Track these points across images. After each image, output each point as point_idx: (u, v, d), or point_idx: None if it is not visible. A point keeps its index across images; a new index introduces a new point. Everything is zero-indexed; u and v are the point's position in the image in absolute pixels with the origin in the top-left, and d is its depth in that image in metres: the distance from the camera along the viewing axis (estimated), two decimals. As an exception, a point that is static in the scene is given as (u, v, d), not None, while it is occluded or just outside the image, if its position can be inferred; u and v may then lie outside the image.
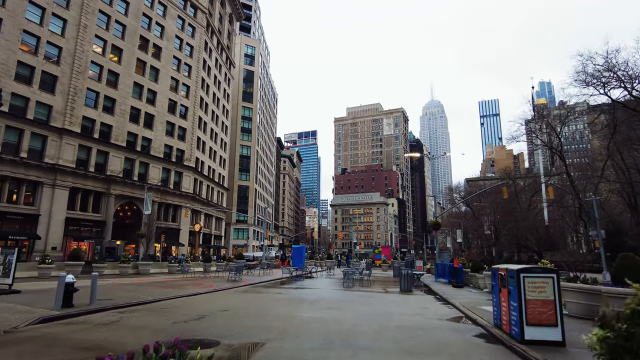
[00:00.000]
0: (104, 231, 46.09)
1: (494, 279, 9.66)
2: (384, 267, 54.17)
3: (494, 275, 9.64)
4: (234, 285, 22.26)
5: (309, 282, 26.62)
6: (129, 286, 20.05)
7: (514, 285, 8.06)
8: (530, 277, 7.82)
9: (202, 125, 65.81)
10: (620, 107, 37.39)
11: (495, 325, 9.75)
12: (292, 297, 17.88)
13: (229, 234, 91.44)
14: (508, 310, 8.42)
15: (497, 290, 9.33)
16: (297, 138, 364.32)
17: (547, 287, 7.68)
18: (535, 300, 7.67)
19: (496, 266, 9.78)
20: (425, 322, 11.13)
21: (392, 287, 24.31)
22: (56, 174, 40.89)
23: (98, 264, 27.45)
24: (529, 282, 7.77)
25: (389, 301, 16.57)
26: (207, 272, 33.73)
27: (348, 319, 11.47)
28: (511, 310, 8.26)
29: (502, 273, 8.81)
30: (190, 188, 59.69)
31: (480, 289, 21.03)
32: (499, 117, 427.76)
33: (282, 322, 10.72)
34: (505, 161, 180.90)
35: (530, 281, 7.77)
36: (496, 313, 9.60)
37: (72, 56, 43.70)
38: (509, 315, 8.43)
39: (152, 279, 26.13)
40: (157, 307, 13.20)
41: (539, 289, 7.70)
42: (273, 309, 13.75)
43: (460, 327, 10.70)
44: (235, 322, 10.65)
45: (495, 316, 9.71)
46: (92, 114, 45.86)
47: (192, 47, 63.45)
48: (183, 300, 15.35)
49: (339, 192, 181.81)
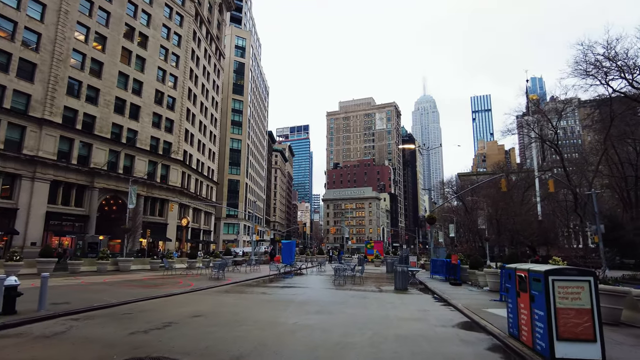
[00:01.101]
0: (88, 226, 44.36)
1: (508, 280, 8.23)
2: (376, 263, 53.10)
3: (508, 276, 8.24)
4: (216, 284, 20.71)
5: (298, 280, 25.14)
6: (98, 286, 18.45)
7: (539, 290, 6.69)
8: (561, 280, 6.41)
9: (190, 117, 64.01)
10: (616, 100, 36.71)
11: (510, 335, 8.36)
12: (278, 298, 16.29)
13: (219, 229, 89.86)
14: (530, 319, 7.06)
15: (513, 294, 7.96)
16: (289, 132, 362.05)
17: (582, 292, 6.27)
18: (568, 309, 6.28)
19: (512, 265, 8.42)
20: (428, 331, 9.74)
21: (386, 284, 23.02)
22: (36, 166, 39.07)
23: (73, 261, 25.86)
24: (561, 287, 6.37)
25: (384, 302, 15.11)
26: (191, 269, 32.15)
27: (339, 327, 10.08)
28: (535, 320, 6.90)
29: (522, 275, 7.40)
30: (178, 182, 57.98)
31: (480, 287, 19.78)
32: (490, 113, 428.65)
33: (261, 332, 9.27)
34: (497, 156, 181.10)
35: (562, 286, 6.36)
36: (512, 320, 8.22)
37: (52, 43, 41.75)
38: (531, 326, 7.06)
39: (130, 276, 24.55)
40: (120, 312, 11.64)
41: (573, 295, 6.31)
42: (254, 313, 12.16)
43: (470, 336, 9.24)
44: (206, 331, 9.21)
45: (511, 324, 8.31)
46: (75, 104, 43.98)
47: (180, 36, 61.51)
48: (154, 303, 13.81)
49: (331, 186, 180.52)
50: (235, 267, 33.12)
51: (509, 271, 8.19)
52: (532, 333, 6.88)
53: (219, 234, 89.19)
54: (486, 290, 18.59)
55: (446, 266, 24.42)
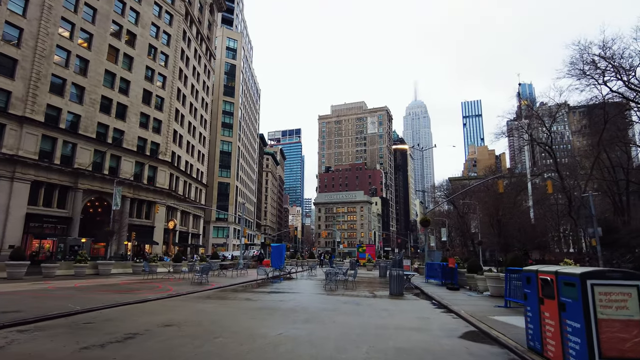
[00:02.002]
0: (71, 228, 42.81)
1: (526, 285, 7.15)
2: (368, 267, 52.08)
3: (526, 280, 7.19)
4: (198, 289, 19.34)
5: (287, 285, 23.92)
6: (65, 291, 16.97)
7: (573, 297, 5.57)
8: (603, 285, 5.26)
9: (179, 117, 62.64)
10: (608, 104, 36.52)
11: (531, 349, 7.14)
12: (263, 305, 14.88)
13: (209, 233, 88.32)
14: (560, 332, 5.92)
15: (534, 301, 6.83)
16: (281, 136, 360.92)
17: (629, 300, 5.10)
18: (612, 320, 5.13)
19: (532, 267, 7.27)
20: (432, 343, 8.48)
21: (380, 289, 21.93)
22: (15, 166, 37.52)
23: (48, 264, 24.39)
24: (602, 293, 5.21)
25: (379, 309, 13.87)
26: (175, 273, 30.68)
27: (329, 339, 8.74)
28: (567, 333, 5.75)
29: (548, 278, 6.30)
30: (166, 183, 56.53)
31: (480, 292, 18.77)
32: (481, 118, 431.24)
33: (238, 346, 7.86)
34: (487, 161, 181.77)
35: (604, 292, 5.20)
36: (533, 332, 7.01)
37: (34, 39, 40.32)
38: (561, 340, 5.91)
39: (106, 280, 23.14)
40: (80, 322, 10.22)
41: (618, 303, 5.16)
42: (234, 323, 10.75)
43: (481, 350, 7.92)
44: (174, 345, 7.86)
45: (532, 336, 7.07)
46: (58, 102, 42.50)
47: (170, 35, 60.24)
48: (123, 310, 12.43)
49: (322, 190, 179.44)
50: (222, 272, 31.75)
51: (527, 274, 7.05)
52: (563, 349, 5.70)
53: (209, 238, 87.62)
54: (487, 295, 17.59)
55: (442, 270, 23.39)
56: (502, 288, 16.34)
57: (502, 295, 16.43)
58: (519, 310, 12.73)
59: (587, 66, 31.47)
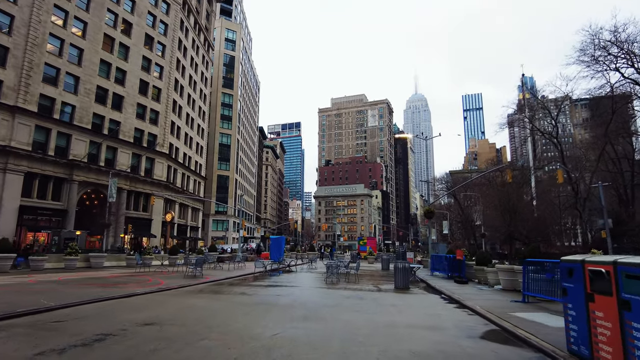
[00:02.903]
0: (66, 221, 41.83)
1: (567, 278, 6.09)
2: (370, 260, 51.15)
3: (568, 272, 6.08)
4: (190, 282, 18.27)
5: (286, 278, 22.90)
6: (46, 285, 15.79)
7: None
8: None
9: (177, 109, 61.45)
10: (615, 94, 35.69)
11: (574, 354, 6.04)
12: (259, 300, 13.68)
13: (208, 226, 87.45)
14: (621, 336, 4.83)
15: (580, 298, 5.77)
16: (281, 130, 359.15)
17: None
18: None
19: (576, 257, 6.16)
20: (452, 345, 7.36)
21: (384, 283, 20.95)
22: (8, 157, 36.47)
23: (36, 257, 23.39)
24: None
25: (386, 304, 12.79)
26: (170, 266, 29.55)
27: (333, 340, 7.62)
28: (633, 338, 4.64)
29: (603, 270, 5.21)
30: (163, 176, 55.46)
31: (490, 286, 17.76)
32: (482, 111, 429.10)
33: (224, 351, 6.69)
34: (488, 154, 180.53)
35: None
36: (576, 334, 5.90)
37: (26, 27, 39.11)
38: (622, 346, 4.81)
39: (95, 274, 22.14)
40: (49, 320, 9.05)
41: None
42: (224, 321, 9.57)
43: (512, 354, 6.80)
44: (149, 350, 6.65)
45: (575, 339, 5.96)
46: (52, 92, 41.36)
47: (167, 25, 58.91)
48: (103, 306, 11.26)
49: (322, 183, 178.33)
50: (219, 264, 30.74)
51: (569, 265, 5.95)
52: (626, 358, 4.73)
53: (208, 231, 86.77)
54: (498, 289, 16.59)
55: (449, 262, 22.39)
56: (516, 281, 15.38)
57: (515, 289, 15.49)
58: (539, 306, 11.75)
59: (598, 51, 30.29)
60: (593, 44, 30.30)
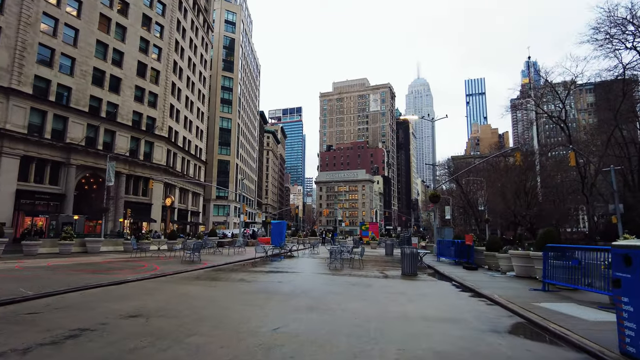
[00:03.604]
0: (64, 205, 41.12)
1: (623, 267, 5.25)
2: (372, 245, 50.64)
3: (624, 259, 5.23)
4: (187, 268, 17.42)
5: (288, 264, 22.15)
6: (32, 271, 14.80)
7: None
8: None
9: (175, 91, 60.26)
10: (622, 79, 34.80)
11: (629, 356, 5.16)
12: (259, 287, 12.71)
13: (209, 211, 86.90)
14: None
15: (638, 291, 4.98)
16: (282, 114, 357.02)
17: None
18: None
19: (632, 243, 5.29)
20: (478, 341, 6.44)
21: (390, 269, 20.22)
22: (3, 140, 35.56)
23: (29, 241, 22.63)
24: None
25: (395, 292, 11.93)
26: (167, 251, 28.71)
27: (341, 335, 6.68)
28: None
29: None
30: (163, 160, 54.57)
31: (503, 273, 17.01)
32: (485, 96, 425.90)
33: (216, 350, 5.74)
34: (490, 139, 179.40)
35: None
36: (635, 334, 5.03)
37: (18, 5, 37.80)
38: None
39: (88, 259, 21.33)
40: (23, 311, 8.07)
41: None
42: (220, 312, 8.65)
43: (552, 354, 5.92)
44: (127, 349, 5.67)
45: (632, 339, 5.09)
46: (47, 73, 40.24)
47: (165, 5, 57.37)
48: (89, 294, 10.31)
49: (324, 169, 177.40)
50: (218, 249, 30.04)
51: (624, 251, 4.98)
52: None
53: (209, 216, 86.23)
54: (511, 275, 15.83)
55: (457, 248, 21.65)
56: (531, 268, 14.60)
57: (530, 277, 14.73)
58: (562, 295, 10.95)
59: (614, 29, 29.12)
60: (609, 20, 29.13)
